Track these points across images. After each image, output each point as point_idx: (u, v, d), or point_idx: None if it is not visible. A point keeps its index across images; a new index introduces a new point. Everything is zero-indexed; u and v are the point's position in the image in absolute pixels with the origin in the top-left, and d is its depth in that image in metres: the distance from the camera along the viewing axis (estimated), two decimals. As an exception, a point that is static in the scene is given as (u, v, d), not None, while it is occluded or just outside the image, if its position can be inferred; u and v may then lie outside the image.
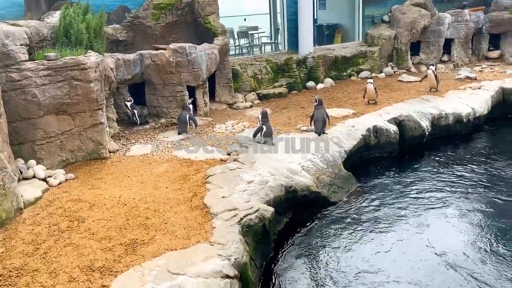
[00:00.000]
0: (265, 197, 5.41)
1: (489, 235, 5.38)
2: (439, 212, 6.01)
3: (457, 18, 12.92)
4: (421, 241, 5.33)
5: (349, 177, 6.94)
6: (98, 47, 7.43)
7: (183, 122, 7.88)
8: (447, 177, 7.07)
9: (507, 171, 7.14)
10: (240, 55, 13.15)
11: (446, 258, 4.93)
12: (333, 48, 12.73)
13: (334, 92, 10.76)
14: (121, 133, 7.99)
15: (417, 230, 5.60)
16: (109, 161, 6.73)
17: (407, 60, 12.80)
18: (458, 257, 4.95)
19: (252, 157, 6.53)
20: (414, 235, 5.47)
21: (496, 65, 12.85)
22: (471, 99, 9.40)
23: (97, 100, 6.59)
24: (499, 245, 5.13)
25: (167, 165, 6.41)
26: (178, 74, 8.39)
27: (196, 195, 5.32)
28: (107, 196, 5.43)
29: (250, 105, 9.98)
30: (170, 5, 9.25)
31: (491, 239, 5.28)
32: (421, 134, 8.32)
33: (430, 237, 5.39)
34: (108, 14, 8.84)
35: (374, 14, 13.34)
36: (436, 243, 5.24)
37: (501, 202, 6.17)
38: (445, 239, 5.36)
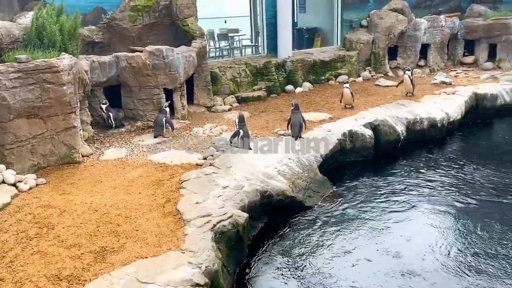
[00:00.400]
0: (240, 202, 5.40)
1: (459, 239, 5.48)
2: (413, 217, 6.09)
3: (433, 24, 13.17)
4: (395, 245, 5.39)
5: (324, 181, 6.99)
6: (73, 49, 7.31)
7: (160, 125, 7.81)
8: (421, 182, 7.18)
9: (479, 176, 7.29)
10: (220, 57, 13.10)
11: (418, 263, 5.00)
12: (311, 52, 12.80)
13: (312, 96, 10.82)
14: (95, 137, 7.87)
15: (390, 234, 5.66)
16: (82, 166, 6.62)
17: (384, 65, 12.99)
18: (426, 262, 5.03)
19: (228, 161, 6.51)
20: (388, 240, 5.53)
21: (470, 70, 13.15)
22: (446, 104, 9.58)
23: (70, 103, 6.47)
24: (469, 250, 5.23)
25: (141, 169, 6.34)
26: (154, 76, 8.31)
27: (170, 201, 5.28)
28: (78, 202, 5.33)
29: (229, 108, 9.96)
30: (147, 7, 9.16)
31: (461, 243, 5.38)
32: (396, 138, 8.43)
33: (403, 242, 5.47)
34: (83, 16, 8.73)
35: (353, 19, 13.49)
36: (408, 248, 5.32)
37: (473, 206, 6.29)
38: (419, 243, 5.43)
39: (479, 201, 6.44)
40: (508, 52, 13.09)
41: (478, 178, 7.19)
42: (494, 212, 6.08)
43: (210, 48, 13.44)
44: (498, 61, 13.29)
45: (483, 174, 7.30)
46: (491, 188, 6.81)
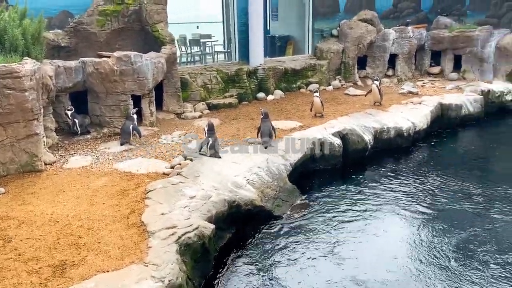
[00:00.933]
0: (207, 213, 5.33)
1: (423, 246, 5.58)
2: (379, 225, 6.16)
3: (401, 35, 13.49)
4: (361, 254, 5.45)
5: (293, 190, 7.00)
6: (36, 54, 7.09)
7: (126, 132, 7.65)
8: (388, 190, 7.29)
9: (442, 184, 7.46)
10: (192, 63, 13.02)
11: (383, 270, 5.06)
12: (283, 60, 12.88)
13: (284, 104, 10.87)
14: (60, 144, 7.64)
15: (357, 243, 5.71)
16: (45, 174, 6.40)
17: (354, 74, 13.20)
18: (390, 268, 5.09)
19: (196, 170, 6.43)
20: (355, 248, 5.57)
21: (437, 81, 13.52)
22: (412, 114, 9.79)
23: (32, 109, 6.26)
24: (432, 257, 5.33)
25: (106, 178, 6.18)
26: (122, 82, 8.15)
27: (134, 211, 5.16)
28: (38, 213, 5.15)
29: (199, 115, 9.88)
30: (116, 12, 9.00)
31: (426, 250, 5.47)
32: (363, 147, 8.55)
33: (369, 250, 5.53)
34: (49, 19, 8.50)
35: (323, 28, 13.66)
36: (375, 255, 5.38)
37: (435, 213, 6.42)
38: (384, 250, 5.50)
39: (441, 208, 6.58)
40: (472, 63, 13.55)
41: (441, 186, 7.36)
42: (454, 219, 6.23)
43: (182, 53, 13.37)
44: (463, 72, 13.72)
45: (446, 182, 7.48)
46: (453, 196, 6.97)
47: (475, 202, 6.72)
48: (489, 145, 9.73)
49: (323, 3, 13.55)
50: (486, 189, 7.16)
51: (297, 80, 12.32)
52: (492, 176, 7.88)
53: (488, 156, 8.97)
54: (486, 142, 10.04)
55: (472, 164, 8.46)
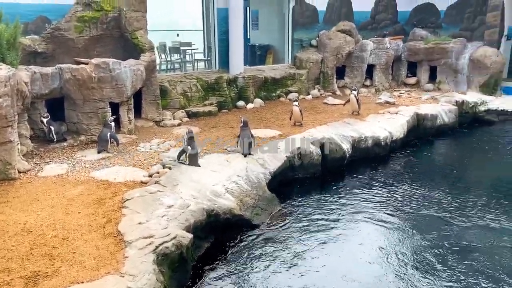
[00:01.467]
0: (185, 222, 5.29)
1: (397, 251, 5.66)
2: (356, 232, 6.23)
3: (379, 46, 13.77)
4: (338, 261, 5.50)
5: (272, 198, 7.01)
6: (12, 60, 6.94)
7: (104, 140, 7.55)
8: (366, 198, 7.38)
9: (418, 192, 7.61)
10: (172, 70, 12.97)
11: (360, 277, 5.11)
12: (263, 69, 12.98)
13: (263, 113, 10.93)
14: (35, 151, 7.48)
15: (334, 251, 5.76)
16: (18, 182, 6.25)
17: (332, 84, 13.39)
18: (367, 275, 5.15)
19: (175, 179, 6.38)
20: (332, 256, 5.62)
21: (413, 91, 13.83)
22: (389, 123, 9.98)
23: (6, 116, 6.11)
24: (406, 261, 5.41)
25: (83, 187, 6.07)
26: (100, 90, 8.06)
27: (111, 221, 5.08)
28: (11, 222, 5.01)
29: (179, 123, 9.83)
30: (94, 18, 8.90)
31: (407, 261, 5.56)
32: (342, 156, 8.65)
33: (346, 257, 5.60)
34: (25, 25, 8.37)
35: (303, 38, 13.85)
36: (351, 262, 5.45)
37: (410, 220, 6.53)
38: (360, 258, 5.56)
39: (415, 216, 6.70)
40: (447, 74, 13.92)
41: (416, 194, 7.51)
42: (427, 226, 6.37)
43: (162, 61, 13.31)
44: (438, 83, 14.09)
45: (421, 191, 7.64)
46: (428, 204, 7.11)
47: (447, 210, 6.87)
48: (462, 154, 9.99)
49: (302, 14, 13.74)
50: (457, 197, 7.34)
51: (277, 89, 12.42)
52: (464, 184, 8.07)
53: (461, 165, 9.19)
54: (459, 151, 10.30)
55: (446, 173, 8.66)
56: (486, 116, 12.50)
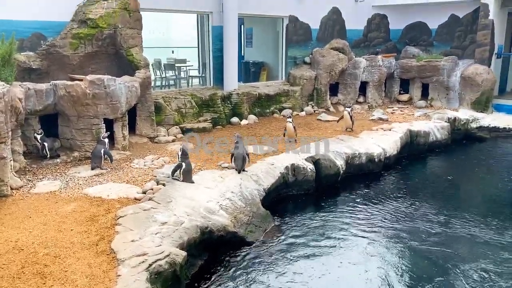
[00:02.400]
0: (179, 239, 5.26)
1: (392, 267, 5.65)
2: (351, 250, 6.21)
3: (371, 63, 13.94)
4: (332, 279, 5.47)
5: (266, 215, 6.99)
6: (6, 76, 6.97)
7: (97, 156, 7.52)
8: (359, 215, 7.38)
9: (413, 207, 7.65)
10: (166, 87, 13.03)
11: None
12: (257, 86, 13.06)
13: (257, 129, 10.97)
14: (27, 168, 7.43)
15: (329, 269, 5.73)
16: (10, 199, 6.19)
17: (326, 100, 13.50)
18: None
19: (168, 196, 6.36)
20: (326, 274, 5.60)
21: (406, 108, 13.96)
22: (382, 140, 10.04)
23: (0, 133, 6.10)
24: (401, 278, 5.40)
25: (75, 204, 6.03)
26: (94, 106, 8.07)
27: (104, 238, 5.04)
28: (2, 240, 4.96)
29: (173, 139, 9.83)
30: (90, 35, 8.95)
31: (403, 277, 5.54)
32: (336, 172, 8.67)
33: (340, 275, 5.58)
34: (21, 41, 8.41)
35: (297, 55, 14.00)
36: (345, 280, 5.41)
37: (404, 236, 6.54)
38: (355, 275, 5.54)
39: (409, 232, 6.72)
40: (439, 92, 14.10)
41: (409, 210, 7.53)
42: (422, 241, 6.41)
43: (157, 77, 13.37)
44: (431, 100, 14.25)
45: (415, 207, 7.67)
46: (422, 219, 7.14)
47: (441, 226, 6.89)
48: (455, 171, 10.05)
49: (296, 32, 13.91)
50: (451, 213, 7.37)
51: (271, 105, 12.50)
52: (457, 200, 8.12)
53: (454, 182, 9.23)
54: (452, 168, 10.36)
55: (440, 189, 8.69)
56: (478, 133, 12.62)
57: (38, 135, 7.74)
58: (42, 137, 7.76)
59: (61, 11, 9.00)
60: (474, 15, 14.61)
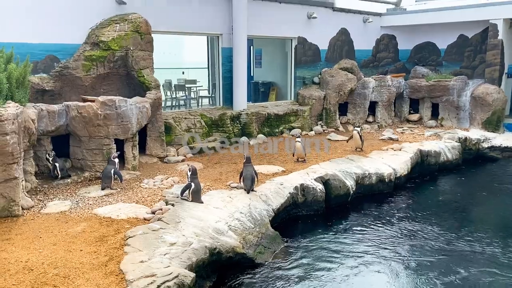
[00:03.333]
0: (187, 260, 5.23)
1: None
2: (362, 273, 6.11)
3: (380, 83, 13.97)
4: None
5: (276, 236, 6.93)
6: (20, 98, 7.09)
7: (107, 176, 7.58)
8: (370, 237, 7.28)
9: (424, 229, 7.53)
10: (177, 107, 13.18)
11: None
12: (266, 105, 13.15)
13: (266, 148, 10.98)
14: (39, 188, 7.50)
15: (339, 292, 5.66)
16: (21, 219, 6.24)
17: (335, 120, 13.51)
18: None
19: (177, 216, 6.35)
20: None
21: (416, 128, 13.90)
22: (393, 160, 9.98)
23: (13, 153, 6.19)
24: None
25: (85, 224, 6.05)
26: (106, 127, 8.17)
27: (113, 259, 5.03)
28: (12, 260, 4.98)
29: (182, 159, 9.88)
30: (102, 57, 9.13)
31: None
32: (346, 192, 8.61)
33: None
34: (35, 63, 8.60)
35: (305, 76, 14.11)
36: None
37: (417, 259, 6.43)
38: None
39: (421, 253, 6.63)
40: (449, 111, 14.04)
41: (421, 232, 7.42)
42: (434, 263, 6.30)
43: (167, 98, 13.55)
44: (441, 120, 14.18)
45: (426, 229, 7.55)
46: (434, 241, 7.03)
47: (454, 248, 6.78)
48: (467, 192, 9.91)
49: (305, 52, 14.05)
50: (463, 235, 7.26)
51: (280, 125, 12.54)
52: (469, 222, 8.00)
53: (466, 203, 9.11)
54: (464, 188, 10.22)
55: (451, 210, 8.57)
56: (490, 153, 12.50)
57: (50, 157, 7.83)
58: (54, 158, 7.85)
59: (74, 34, 9.23)
60: (483, 35, 14.65)
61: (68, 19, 9.15)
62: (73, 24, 9.22)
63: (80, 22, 9.30)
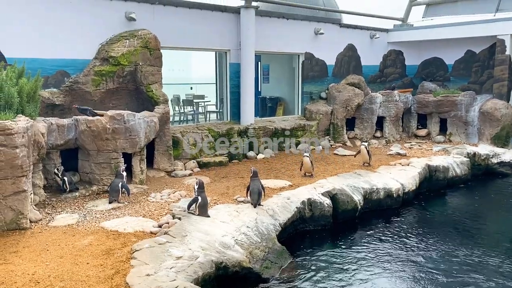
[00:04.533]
0: (193, 274, 5.21)
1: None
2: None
3: (388, 98, 13.97)
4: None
5: (282, 251, 6.87)
6: (31, 111, 7.20)
7: (115, 190, 7.61)
8: (378, 253, 7.20)
9: (433, 245, 7.44)
10: (185, 122, 13.27)
11: None
12: (273, 120, 13.19)
13: (273, 163, 10.98)
14: (47, 201, 7.55)
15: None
16: (29, 232, 6.26)
17: (343, 135, 13.50)
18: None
19: (184, 230, 6.34)
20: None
21: (424, 143, 13.83)
22: (401, 175, 9.91)
23: (22, 166, 6.26)
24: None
25: (92, 237, 6.06)
26: (114, 141, 8.24)
27: (119, 272, 5.02)
28: (19, 273, 4.99)
29: (190, 173, 9.90)
30: (111, 72, 9.27)
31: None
32: (353, 207, 8.55)
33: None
34: (45, 78, 8.74)
35: (313, 91, 14.16)
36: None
37: (427, 277, 6.33)
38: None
39: (430, 269, 6.53)
40: (458, 126, 13.96)
41: (429, 249, 7.33)
42: (440, 279, 6.22)
43: (175, 112, 13.65)
44: (449, 135, 14.10)
45: (435, 244, 7.48)
46: (442, 258, 6.94)
47: (462, 265, 6.67)
48: (476, 208, 9.78)
49: (312, 68, 14.14)
50: (471, 251, 7.16)
51: (287, 140, 12.54)
52: (477, 238, 7.86)
53: (475, 219, 8.97)
54: (473, 204, 10.10)
55: (460, 226, 8.46)
56: (499, 168, 12.37)
57: (59, 171, 7.89)
58: (63, 172, 7.92)
59: (85, 49, 9.40)
60: (490, 50, 14.65)
61: (78, 35, 9.32)
62: (83, 40, 9.39)
63: (91, 38, 9.48)
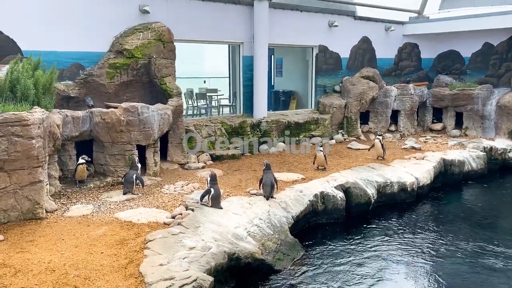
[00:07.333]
0: (206, 265, 5.23)
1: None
2: (383, 284, 6.00)
3: (403, 92, 13.80)
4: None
5: (295, 243, 6.87)
6: (46, 103, 7.29)
7: (129, 181, 7.67)
8: (391, 247, 7.14)
9: (447, 241, 7.34)
10: (198, 115, 13.32)
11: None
12: (286, 114, 13.14)
13: (286, 156, 10.96)
14: (62, 192, 7.66)
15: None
16: (45, 222, 6.36)
17: (356, 128, 13.39)
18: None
19: (197, 221, 6.38)
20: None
21: (439, 137, 13.65)
22: (415, 169, 9.80)
23: (38, 157, 6.35)
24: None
25: (106, 227, 6.13)
26: (128, 133, 8.30)
27: (133, 261, 5.07)
28: (35, 261, 5.07)
29: (203, 165, 9.94)
30: (126, 65, 9.33)
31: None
32: (367, 201, 8.49)
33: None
34: (61, 71, 8.83)
35: (326, 84, 14.05)
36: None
37: (440, 272, 6.26)
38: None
39: (444, 264, 6.47)
40: (474, 120, 13.73)
41: (444, 243, 7.24)
42: (454, 273, 6.15)
43: (189, 106, 13.70)
44: (465, 129, 13.88)
45: (450, 240, 7.37)
46: (457, 253, 6.86)
47: (479, 260, 6.58)
48: (492, 203, 9.64)
49: (326, 61, 14.02)
50: (487, 247, 7.05)
51: (300, 133, 12.50)
52: (494, 233, 7.74)
53: (491, 214, 8.84)
54: (489, 199, 9.94)
55: (476, 221, 8.34)
56: (517, 163, 12.15)
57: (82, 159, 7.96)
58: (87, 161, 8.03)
59: (99, 42, 9.46)
60: (509, 42, 14.35)
61: (93, 28, 9.39)
62: (98, 33, 9.45)
63: (105, 31, 9.54)
